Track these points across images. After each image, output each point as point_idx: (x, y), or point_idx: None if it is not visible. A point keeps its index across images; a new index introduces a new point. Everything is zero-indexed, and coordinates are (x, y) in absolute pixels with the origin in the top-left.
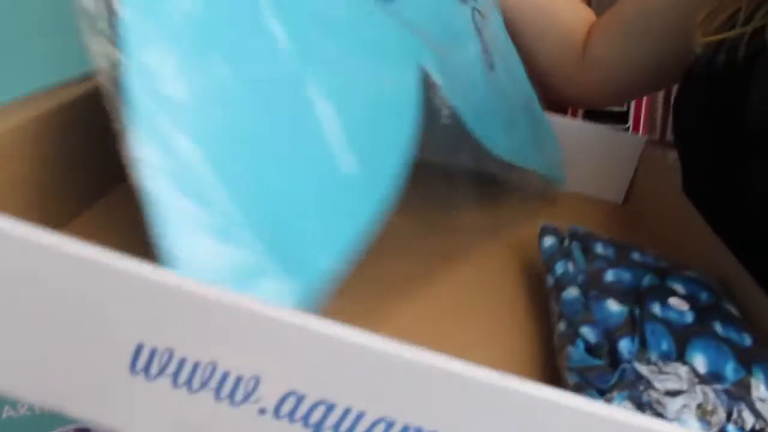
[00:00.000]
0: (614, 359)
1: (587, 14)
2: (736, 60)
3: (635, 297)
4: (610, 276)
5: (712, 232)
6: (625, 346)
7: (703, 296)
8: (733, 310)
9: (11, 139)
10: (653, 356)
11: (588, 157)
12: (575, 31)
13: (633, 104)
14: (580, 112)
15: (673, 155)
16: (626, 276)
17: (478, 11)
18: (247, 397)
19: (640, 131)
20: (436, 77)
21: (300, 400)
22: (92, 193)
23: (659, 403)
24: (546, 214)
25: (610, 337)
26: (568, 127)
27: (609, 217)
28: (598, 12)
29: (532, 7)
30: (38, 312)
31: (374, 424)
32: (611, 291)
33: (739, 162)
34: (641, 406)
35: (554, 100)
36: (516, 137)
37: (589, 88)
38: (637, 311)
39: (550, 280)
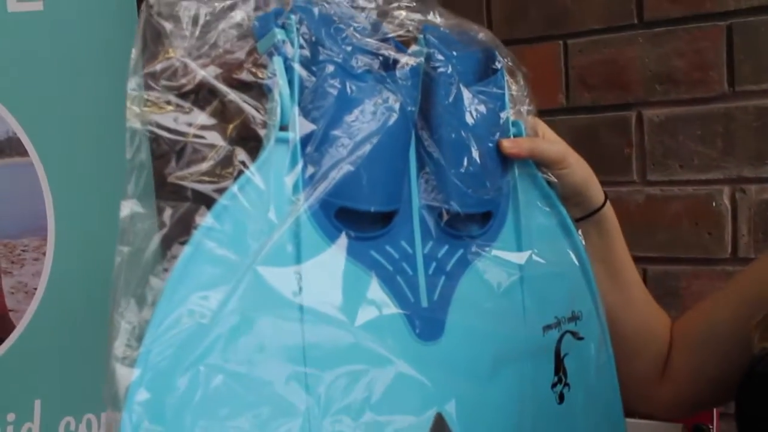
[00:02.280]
0: None
1: (668, 323)
2: None
3: None
4: None
5: None
6: None
7: None
8: None
9: None
10: None
11: None
12: (663, 352)
13: None
14: None
15: None
16: None
17: (572, 333)
18: None
19: None
20: (452, 423)
21: None
22: None
23: None
24: None
25: None
26: None
27: None
28: None
29: (632, 327)
30: None
31: None
32: None
33: None
34: None
35: (632, 411)
36: None
37: (661, 405)
38: None
39: None
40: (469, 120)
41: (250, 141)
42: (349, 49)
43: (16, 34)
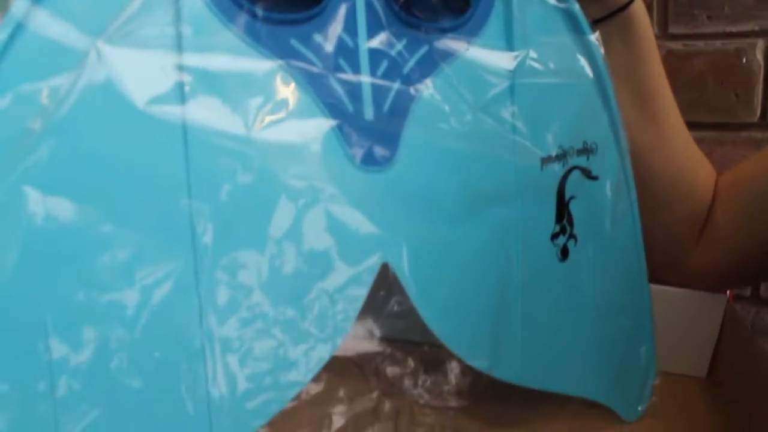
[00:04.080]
0: None
1: (712, 175)
2: None
3: None
4: None
5: None
6: None
7: None
8: None
9: None
10: None
11: (661, 325)
12: (704, 207)
13: None
14: None
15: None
16: None
17: (582, 170)
18: None
19: None
20: (403, 277)
21: None
22: None
23: None
24: None
25: None
26: None
27: (690, 399)
28: None
29: (670, 173)
30: None
31: None
32: None
33: None
34: None
35: (655, 278)
36: (545, 351)
37: (695, 272)
38: None
39: None
40: None
41: None
42: None
43: None
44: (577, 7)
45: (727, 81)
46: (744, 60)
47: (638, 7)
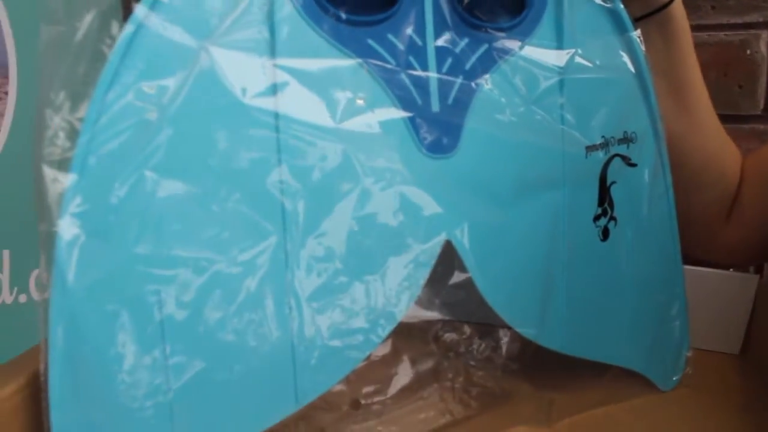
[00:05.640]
0: None
1: (739, 158)
2: None
3: None
4: None
5: None
6: None
7: None
8: None
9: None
10: None
11: (696, 305)
12: (731, 189)
13: None
14: None
15: None
16: None
17: (623, 158)
18: None
19: None
20: (464, 252)
21: None
22: None
23: None
24: None
25: None
26: None
27: (723, 373)
28: None
29: (702, 159)
30: None
31: None
32: None
33: None
34: None
35: (689, 257)
36: (587, 323)
37: (724, 249)
38: None
39: None
40: None
41: None
42: None
43: None
44: (620, 6)
45: (731, 73)
46: (748, 52)
47: (677, 5)
